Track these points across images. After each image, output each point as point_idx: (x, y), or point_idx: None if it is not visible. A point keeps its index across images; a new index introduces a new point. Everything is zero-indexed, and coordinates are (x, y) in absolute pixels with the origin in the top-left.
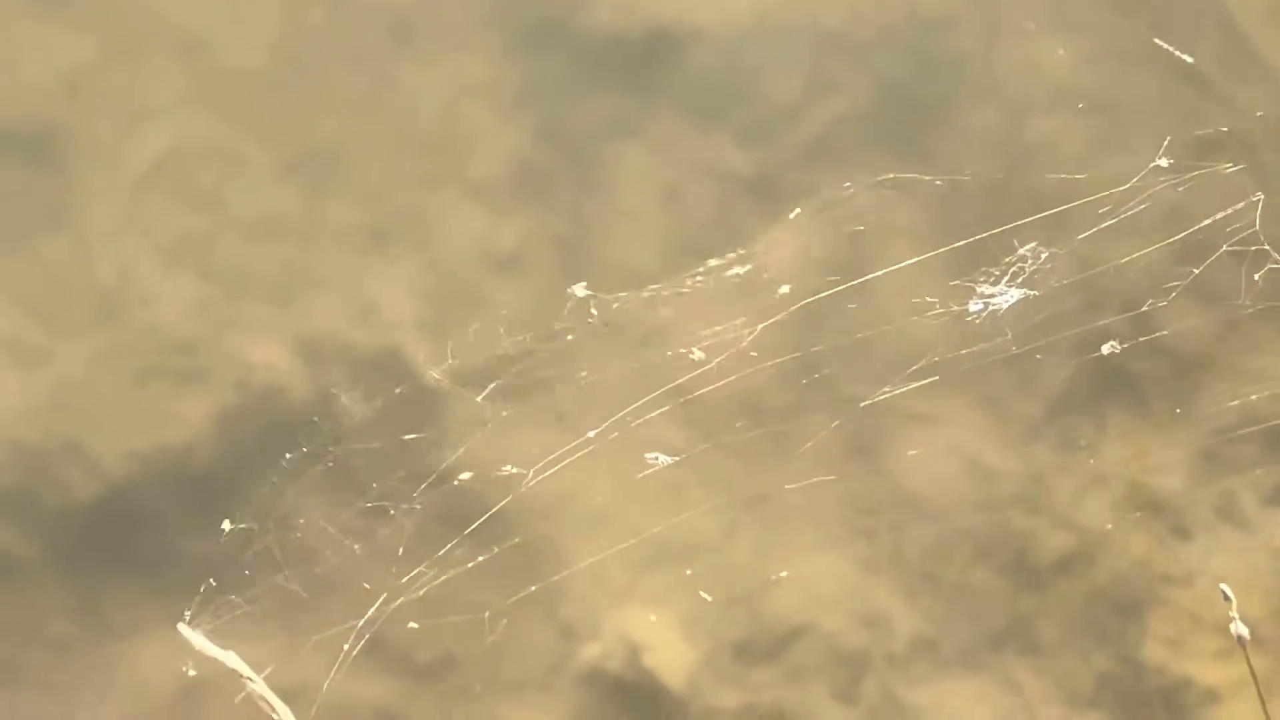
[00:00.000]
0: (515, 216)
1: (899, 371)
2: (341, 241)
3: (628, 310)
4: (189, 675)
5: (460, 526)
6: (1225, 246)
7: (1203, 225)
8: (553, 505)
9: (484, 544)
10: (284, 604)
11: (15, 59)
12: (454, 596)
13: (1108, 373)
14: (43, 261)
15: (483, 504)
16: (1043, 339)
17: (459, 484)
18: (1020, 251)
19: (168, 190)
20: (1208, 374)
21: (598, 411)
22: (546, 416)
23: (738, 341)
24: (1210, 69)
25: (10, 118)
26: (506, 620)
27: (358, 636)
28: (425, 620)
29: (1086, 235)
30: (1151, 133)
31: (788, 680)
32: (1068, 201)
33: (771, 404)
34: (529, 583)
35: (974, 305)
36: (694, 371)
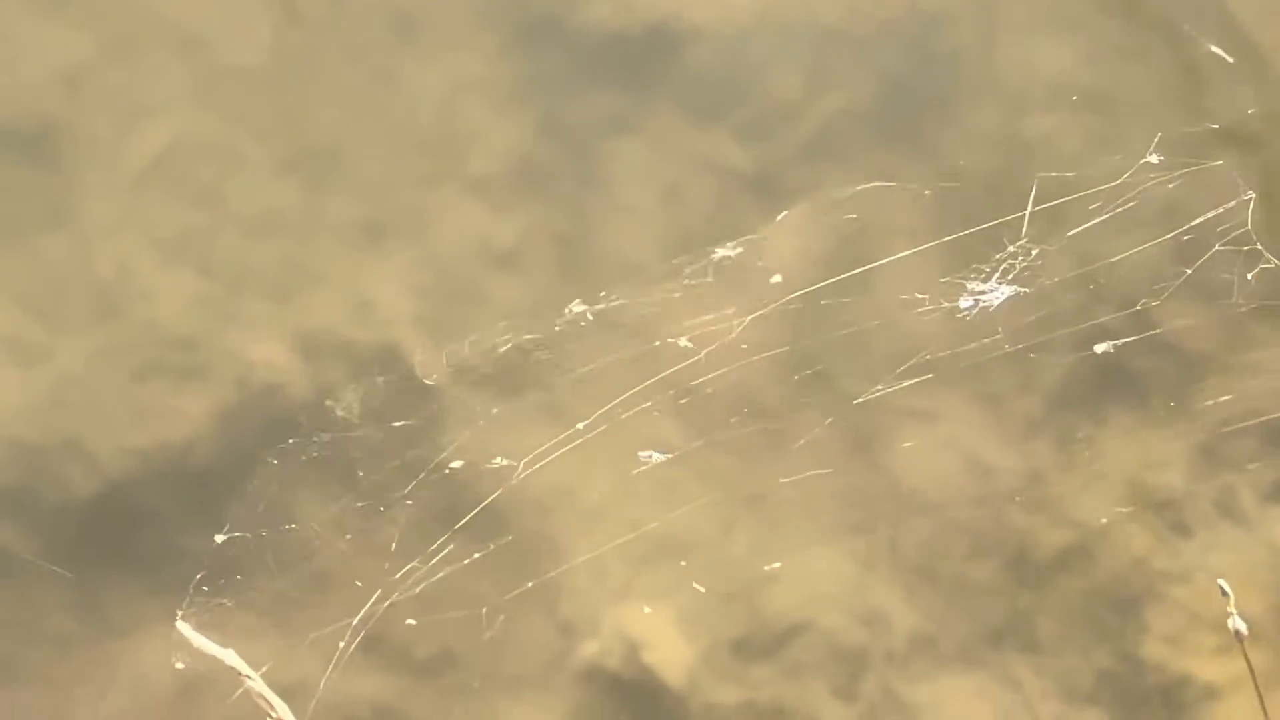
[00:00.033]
0: (514, 213)
1: (892, 368)
2: (341, 238)
3: (622, 308)
4: (178, 669)
5: (454, 522)
6: (1218, 245)
7: (1194, 224)
8: (548, 500)
9: (479, 540)
10: (279, 602)
11: (14, 56)
12: (451, 592)
13: (1106, 369)
14: (42, 258)
15: (475, 499)
16: (1036, 336)
17: (451, 476)
18: (1010, 249)
19: (167, 187)
20: (1205, 370)
21: (590, 405)
22: (540, 410)
23: (727, 333)
24: (1209, 66)
25: (9, 115)
26: (504, 616)
27: (353, 634)
28: (423, 616)
29: (1077, 232)
30: (1146, 129)
31: (787, 677)
32: (1059, 198)
33: (765, 400)
34: (526, 579)
35: (964, 302)
36: (686, 361)
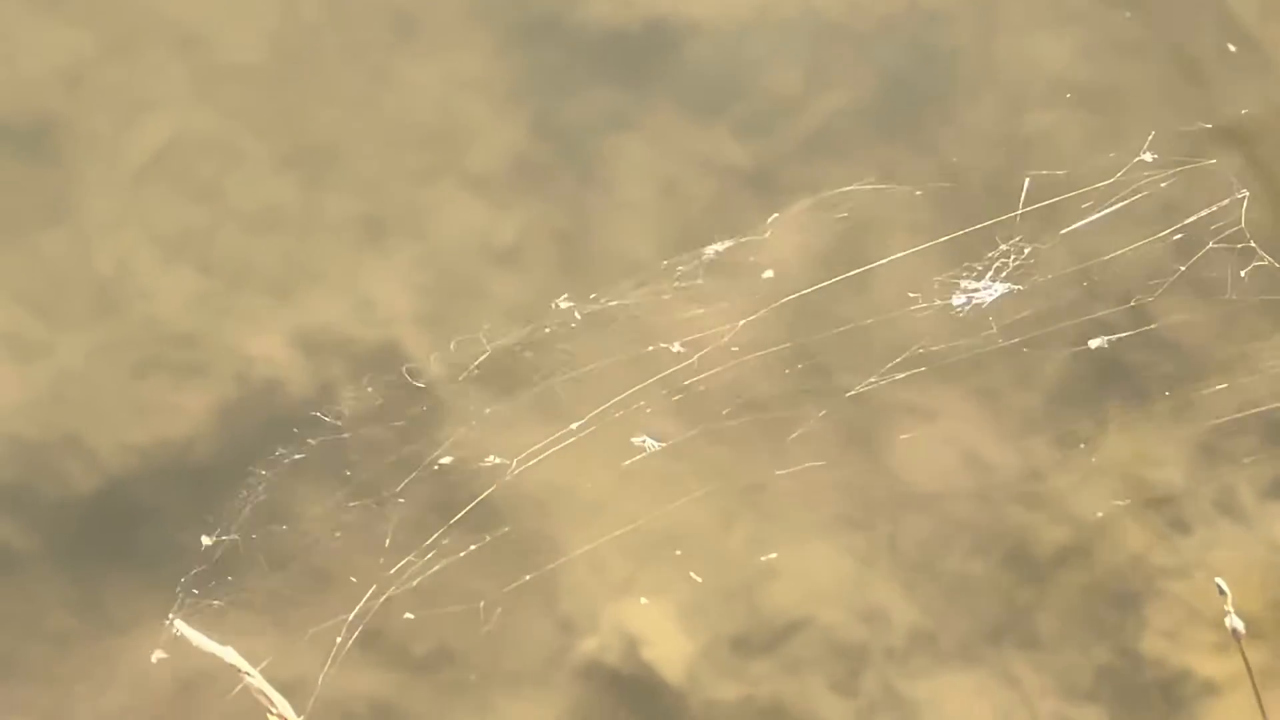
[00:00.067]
0: (513, 210)
1: (885, 362)
2: (340, 235)
3: (616, 309)
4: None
5: (449, 516)
6: (1211, 243)
7: (1188, 222)
8: (544, 495)
9: (475, 533)
10: (276, 598)
11: (14, 52)
12: (449, 586)
13: (1104, 366)
14: (41, 255)
15: (470, 495)
16: (1030, 332)
17: (444, 473)
18: (1003, 247)
19: (166, 183)
20: (1203, 367)
21: (584, 405)
22: (534, 409)
23: (720, 337)
24: (1208, 63)
25: (9, 111)
26: (501, 610)
27: (350, 629)
28: (420, 610)
29: (1070, 230)
30: (1142, 126)
31: (786, 673)
32: (1053, 196)
33: (760, 393)
34: (524, 571)
35: (958, 299)
36: (679, 365)
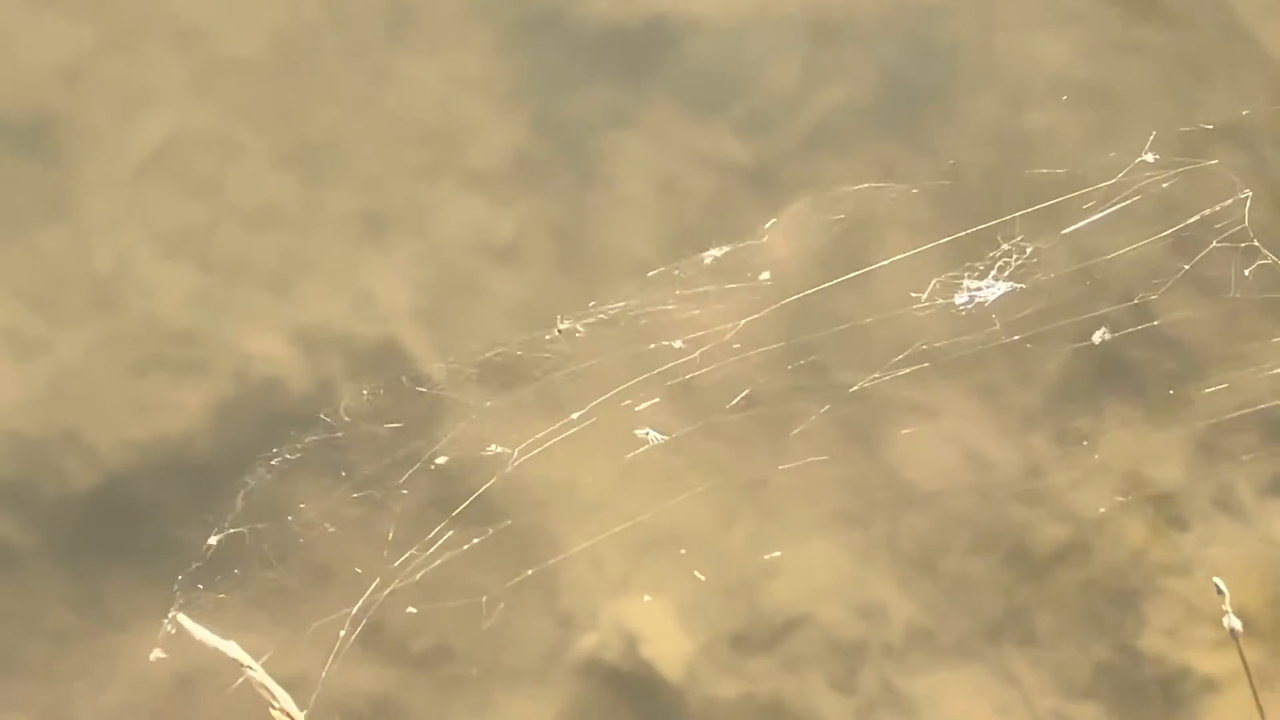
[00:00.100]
0: (512, 207)
1: (888, 358)
2: (339, 231)
3: (616, 313)
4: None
5: (451, 510)
6: (1215, 242)
7: (1191, 221)
8: (545, 490)
9: (478, 526)
10: (278, 593)
11: (13, 48)
12: (450, 581)
13: (1104, 363)
14: (41, 251)
15: (471, 489)
16: (1032, 329)
17: (446, 467)
18: (1004, 246)
19: (166, 180)
20: (1203, 364)
21: (585, 398)
22: (535, 403)
23: (722, 335)
24: (1208, 61)
25: (8, 107)
26: (504, 604)
27: (353, 623)
28: (423, 604)
29: (1072, 230)
30: (1143, 125)
31: (785, 670)
32: (1055, 195)
33: (761, 389)
34: (525, 566)
35: (960, 298)
36: (680, 359)
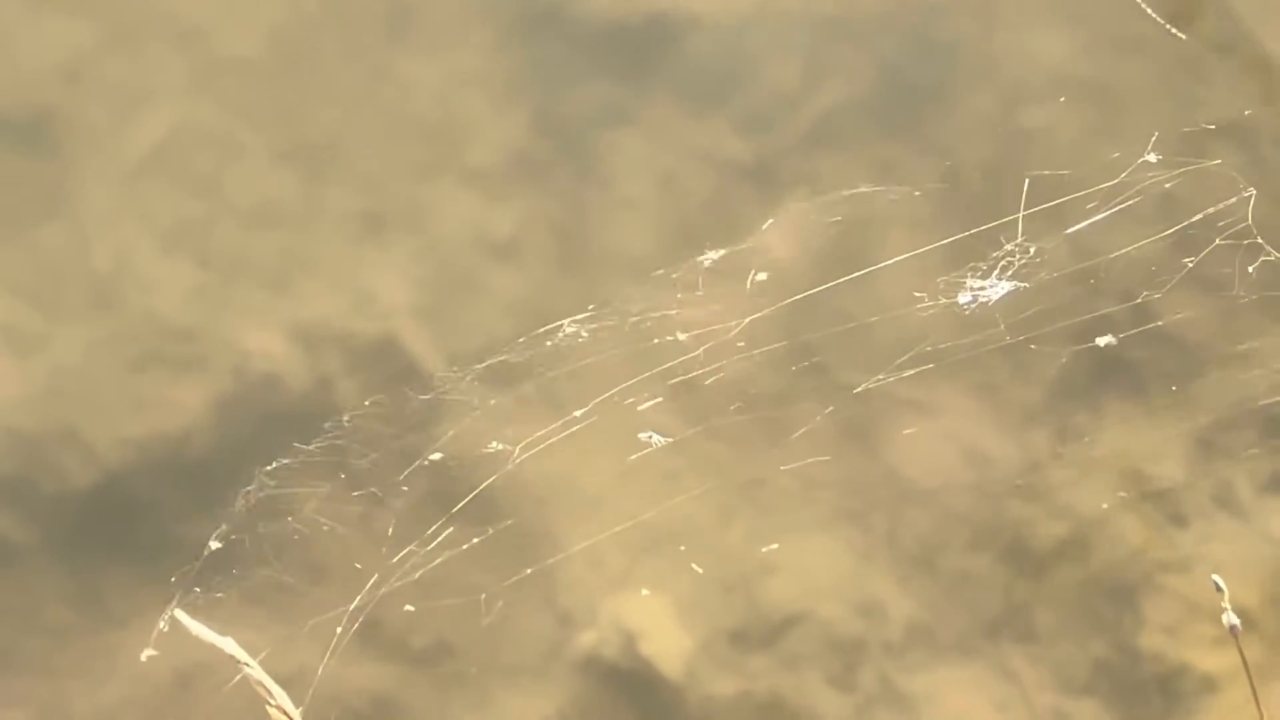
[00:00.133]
0: (512, 204)
1: (892, 359)
2: (338, 229)
3: (618, 313)
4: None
5: (451, 508)
6: (1218, 240)
7: (1194, 220)
8: (546, 489)
9: (478, 525)
10: (276, 590)
11: (13, 45)
12: (449, 579)
13: (1104, 360)
14: (39, 248)
15: (471, 486)
16: (1036, 329)
17: (446, 464)
18: (1007, 246)
19: (165, 177)
20: (1204, 361)
21: (587, 396)
22: (536, 401)
23: (725, 333)
24: (1208, 59)
25: (7, 104)
26: (502, 603)
27: (350, 620)
28: (421, 602)
29: (1075, 230)
30: (1145, 124)
31: (784, 668)
32: (1057, 195)
33: (764, 390)
34: (525, 565)
35: (963, 298)
36: (684, 356)
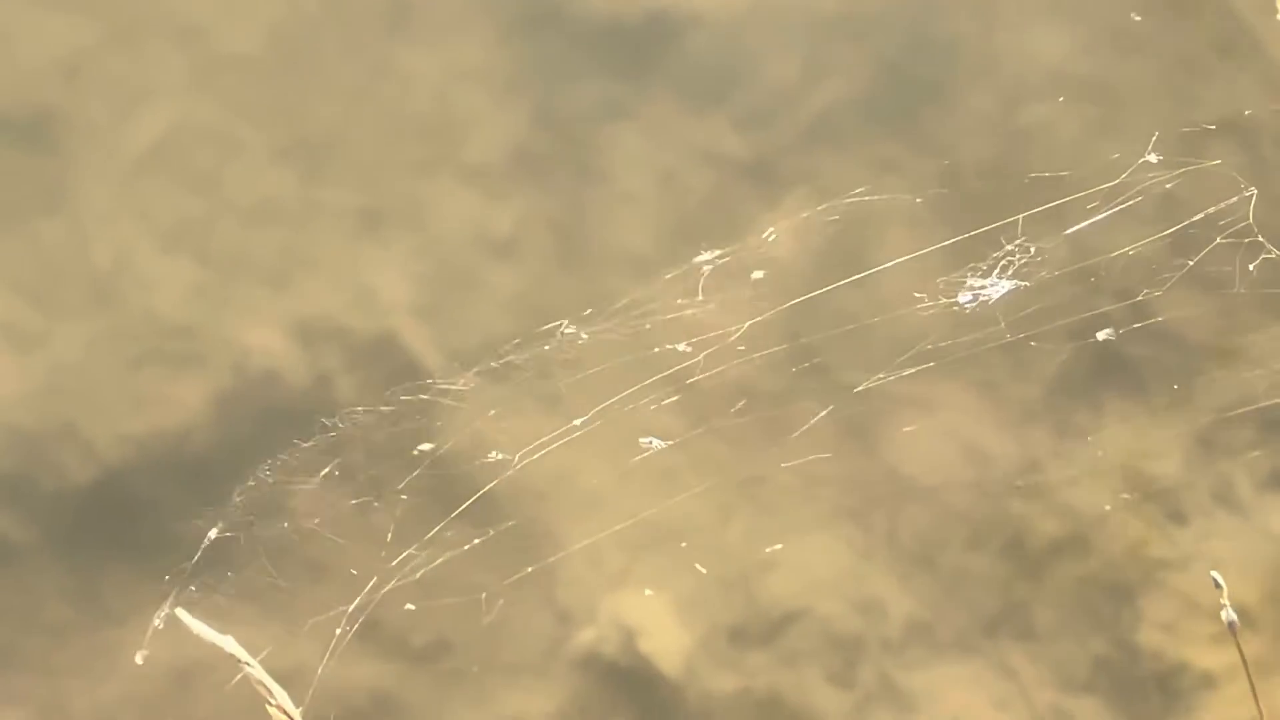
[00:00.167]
0: (511, 201)
1: (893, 358)
2: (338, 226)
3: (618, 315)
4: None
5: (451, 510)
6: (1219, 239)
7: (1195, 219)
8: (547, 488)
9: (478, 526)
10: (276, 589)
11: (12, 42)
12: (449, 579)
13: (1104, 358)
14: (39, 245)
15: (473, 489)
16: (1037, 326)
17: (448, 468)
18: (1008, 246)
19: (164, 174)
20: (1205, 359)
21: (589, 402)
22: (540, 405)
23: (726, 337)
24: (1208, 57)
25: (7, 101)
26: (503, 601)
27: (350, 620)
28: (421, 602)
29: (1074, 230)
30: (1144, 124)
31: (783, 664)
32: (1057, 195)
33: (765, 390)
34: (525, 564)
35: (964, 297)
36: (684, 363)
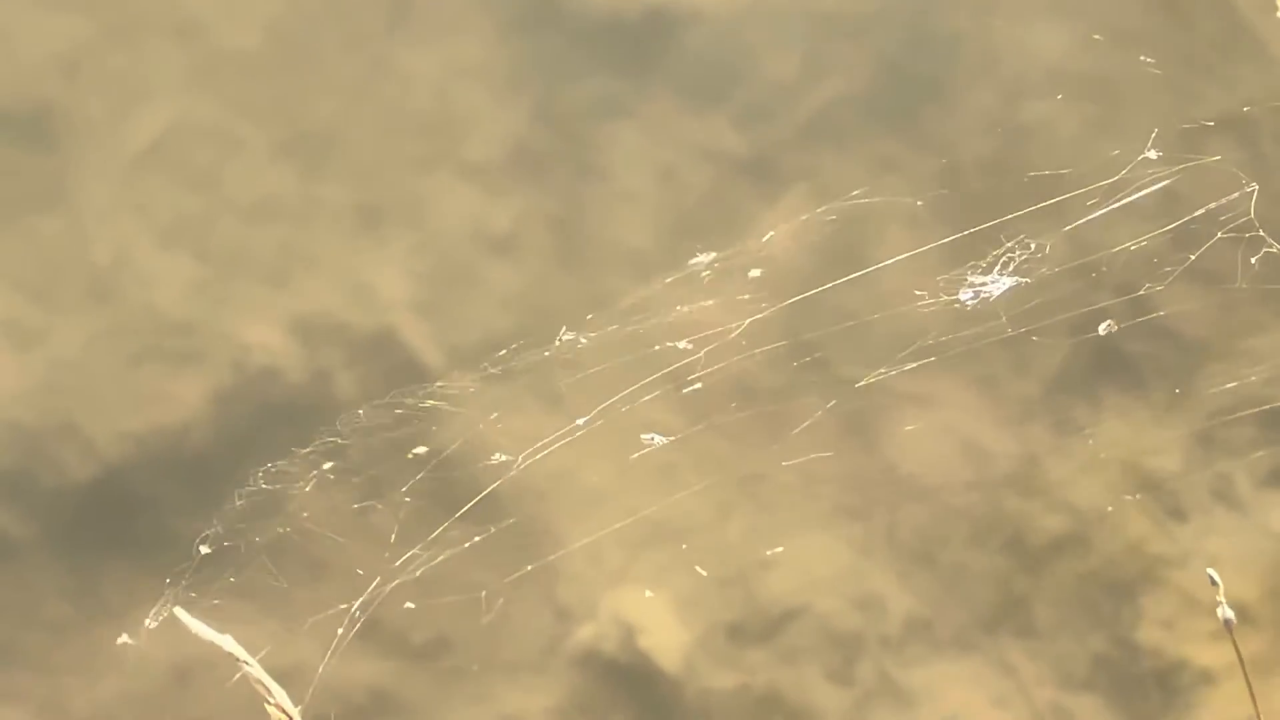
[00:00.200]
0: (510, 198)
1: (894, 354)
2: (337, 223)
3: (618, 317)
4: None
5: (453, 510)
6: (1220, 234)
7: (1196, 215)
8: (547, 486)
9: (478, 525)
10: (276, 588)
11: (12, 39)
12: (450, 577)
13: (1104, 354)
14: (38, 242)
15: (475, 490)
16: (1038, 322)
17: (450, 469)
18: (1008, 244)
19: (164, 171)
20: (1204, 355)
21: (590, 402)
22: (541, 404)
23: (727, 334)
24: (1208, 56)
25: (7, 98)
26: (503, 600)
27: (351, 619)
28: (422, 600)
29: (1074, 227)
30: (1145, 120)
31: (782, 662)
32: (1057, 191)
33: (765, 386)
34: (525, 562)
35: (965, 294)
36: (684, 360)
